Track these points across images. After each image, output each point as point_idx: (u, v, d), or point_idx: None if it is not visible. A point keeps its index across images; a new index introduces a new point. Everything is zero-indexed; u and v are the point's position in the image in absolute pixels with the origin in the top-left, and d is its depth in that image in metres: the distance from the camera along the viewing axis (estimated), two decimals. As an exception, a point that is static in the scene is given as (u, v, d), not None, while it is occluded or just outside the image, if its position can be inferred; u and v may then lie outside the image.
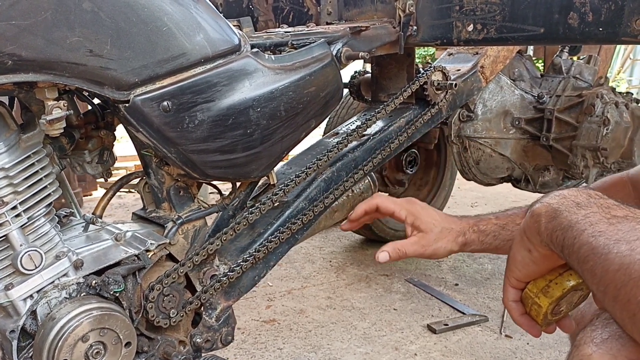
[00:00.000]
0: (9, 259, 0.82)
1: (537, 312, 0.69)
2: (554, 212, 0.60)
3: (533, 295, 0.68)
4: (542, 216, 0.61)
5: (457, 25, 1.23)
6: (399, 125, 1.37)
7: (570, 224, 0.57)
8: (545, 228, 0.61)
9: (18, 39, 0.73)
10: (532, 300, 0.69)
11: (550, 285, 0.66)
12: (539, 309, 0.68)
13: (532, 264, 0.66)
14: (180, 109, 0.89)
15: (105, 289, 0.89)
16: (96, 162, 1.01)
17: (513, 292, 0.71)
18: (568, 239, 0.57)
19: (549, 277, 0.67)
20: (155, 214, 1.05)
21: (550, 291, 0.66)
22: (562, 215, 0.59)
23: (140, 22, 0.83)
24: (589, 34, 1.06)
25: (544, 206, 0.62)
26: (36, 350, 0.83)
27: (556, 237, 0.59)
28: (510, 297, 0.71)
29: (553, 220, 0.60)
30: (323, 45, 1.10)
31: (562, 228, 0.58)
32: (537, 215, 0.62)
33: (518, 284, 0.70)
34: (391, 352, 1.66)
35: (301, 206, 1.17)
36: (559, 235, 0.58)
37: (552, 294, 0.66)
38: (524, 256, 0.66)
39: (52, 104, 0.80)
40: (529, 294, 0.69)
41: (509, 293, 0.71)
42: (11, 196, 0.81)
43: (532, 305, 0.69)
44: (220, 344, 1.09)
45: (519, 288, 0.70)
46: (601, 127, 1.76)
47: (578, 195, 0.61)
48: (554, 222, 0.60)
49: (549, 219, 0.61)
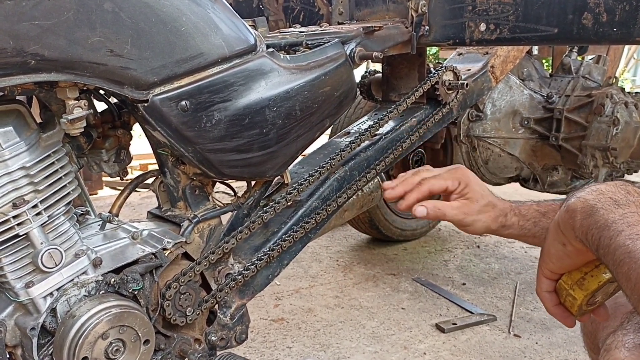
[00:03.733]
0: (29, 257, 0.83)
1: (572, 304, 0.68)
2: (590, 209, 0.58)
3: (568, 287, 0.67)
4: (577, 212, 0.59)
5: (470, 25, 1.24)
6: (411, 125, 1.37)
7: (607, 224, 0.56)
8: (580, 225, 0.59)
9: (41, 39, 0.73)
10: (566, 292, 0.67)
11: (586, 278, 0.65)
12: (573, 300, 0.67)
13: (567, 257, 0.65)
14: (198, 109, 0.90)
15: (123, 287, 0.90)
16: (113, 161, 1.01)
17: (547, 282, 0.70)
18: (604, 239, 0.55)
19: (585, 269, 0.66)
20: (170, 213, 1.05)
21: (585, 284, 0.65)
22: (598, 213, 0.57)
23: (160, 22, 0.83)
24: (603, 34, 1.06)
25: (579, 201, 0.60)
26: (56, 348, 0.84)
27: (592, 236, 0.57)
28: (544, 288, 0.70)
29: (589, 218, 0.58)
30: (337, 45, 1.11)
31: (598, 227, 0.56)
32: (573, 210, 0.60)
33: (552, 275, 0.69)
34: (400, 351, 1.66)
35: (314, 205, 1.18)
36: (595, 234, 0.57)
37: (587, 287, 0.65)
38: (558, 249, 0.65)
39: (73, 104, 0.80)
40: (563, 285, 0.68)
41: (543, 283, 0.70)
42: (32, 195, 0.82)
43: (567, 296, 0.68)
44: (234, 342, 1.09)
45: (553, 279, 0.69)
46: (611, 127, 1.76)
47: (616, 191, 0.59)
48: (590, 219, 0.58)
49: (584, 215, 0.59)
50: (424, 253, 2.47)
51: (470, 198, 0.92)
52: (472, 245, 2.56)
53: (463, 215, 0.91)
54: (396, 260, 2.39)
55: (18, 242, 0.83)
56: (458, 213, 0.91)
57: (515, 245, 2.54)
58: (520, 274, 2.22)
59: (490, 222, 0.91)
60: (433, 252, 2.49)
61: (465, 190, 0.93)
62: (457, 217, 0.92)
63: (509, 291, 2.06)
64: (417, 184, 0.95)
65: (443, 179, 0.95)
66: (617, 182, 0.61)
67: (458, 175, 0.95)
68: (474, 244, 2.56)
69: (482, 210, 0.91)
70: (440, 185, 0.95)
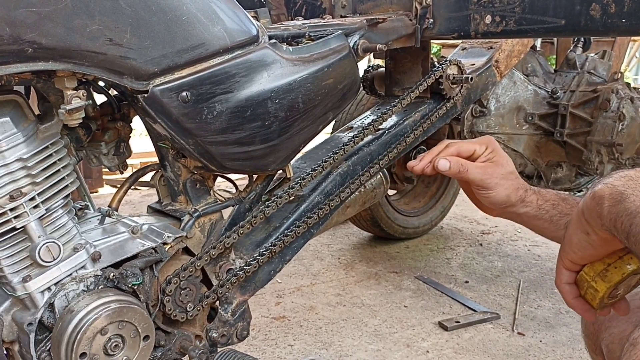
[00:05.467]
0: (26, 251, 0.81)
1: (593, 296, 0.65)
2: (620, 196, 0.55)
3: (590, 279, 0.64)
4: (605, 199, 0.57)
5: (475, 17, 1.22)
6: (414, 120, 1.36)
7: (639, 210, 0.53)
8: (608, 212, 0.56)
9: (38, 26, 0.72)
10: (588, 284, 0.65)
11: (609, 269, 0.63)
12: (595, 293, 0.65)
13: (590, 247, 0.62)
14: (199, 100, 0.88)
15: (123, 282, 0.88)
16: (112, 154, 0.99)
17: (567, 274, 0.67)
18: (635, 227, 0.53)
19: (608, 260, 0.63)
20: (171, 207, 1.04)
21: (608, 275, 0.63)
22: (629, 200, 0.54)
23: (160, 11, 0.82)
24: (612, 25, 1.04)
25: (607, 188, 0.57)
26: (54, 343, 0.82)
27: (621, 224, 0.55)
28: (563, 280, 0.68)
29: (618, 205, 0.55)
30: (340, 37, 1.09)
31: (629, 214, 0.54)
32: (600, 197, 0.57)
33: (573, 266, 0.66)
34: (403, 349, 1.64)
35: (317, 200, 1.16)
36: (625, 222, 0.54)
37: (610, 279, 0.63)
38: (580, 239, 0.62)
39: (72, 94, 0.78)
40: (585, 277, 0.65)
41: (563, 275, 0.67)
42: (29, 187, 0.80)
43: (588, 289, 0.65)
44: (235, 339, 1.08)
45: (574, 270, 0.67)
46: (616, 123, 1.74)
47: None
48: (619, 206, 0.55)
49: (613, 202, 0.56)
50: (426, 251, 2.46)
51: (495, 162, 0.88)
52: (474, 243, 2.54)
53: (486, 176, 0.87)
54: (398, 258, 2.37)
55: (15, 236, 0.81)
56: (481, 173, 0.87)
57: (519, 243, 2.52)
58: (523, 272, 2.20)
59: (510, 191, 0.87)
60: (435, 250, 2.47)
61: (491, 155, 0.89)
62: (479, 178, 0.87)
63: (513, 289, 2.05)
64: (445, 147, 0.92)
65: (471, 143, 0.91)
66: None
67: (485, 140, 0.91)
68: (476, 242, 2.54)
69: (506, 176, 0.87)
70: (467, 148, 0.91)
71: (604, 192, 0.57)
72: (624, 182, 0.57)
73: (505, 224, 2.70)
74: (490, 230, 2.70)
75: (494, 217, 0.95)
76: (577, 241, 0.63)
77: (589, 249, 0.63)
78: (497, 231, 2.67)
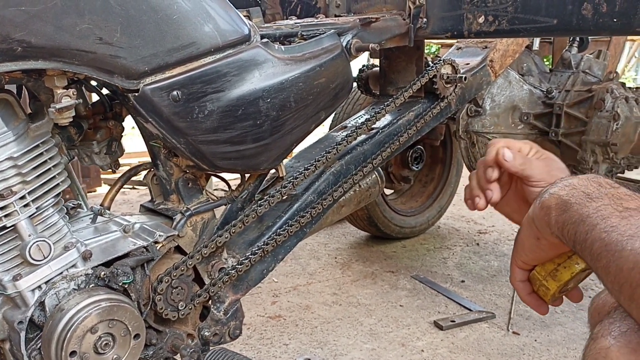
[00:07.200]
0: (17, 250, 0.82)
1: (545, 293, 0.70)
2: (564, 205, 0.58)
3: (541, 278, 0.69)
4: (552, 209, 0.60)
5: (468, 17, 1.22)
6: (408, 119, 1.36)
7: (582, 218, 0.56)
8: (555, 221, 0.59)
9: (27, 25, 0.72)
10: (540, 283, 0.69)
11: (559, 269, 0.66)
12: (547, 290, 0.69)
13: (541, 250, 0.66)
14: (190, 99, 0.88)
15: (113, 281, 0.88)
16: (104, 153, 1.00)
17: (521, 272, 0.71)
18: (580, 234, 0.56)
19: (558, 260, 0.67)
20: (163, 206, 1.04)
21: (558, 275, 0.67)
22: (572, 209, 0.57)
23: (150, 9, 0.82)
24: (603, 25, 1.04)
25: (553, 198, 0.60)
26: (44, 342, 0.83)
27: (567, 232, 0.58)
28: (517, 278, 0.72)
29: (563, 214, 0.58)
30: (333, 37, 1.09)
31: (573, 222, 0.57)
32: (547, 207, 0.61)
33: (526, 266, 0.70)
34: (398, 348, 1.64)
35: (310, 199, 1.16)
36: (570, 230, 0.57)
37: (560, 278, 0.67)
38: (532, 243, 0.66)
39: (62, 92, 0.79)
40: (537, 276, 0.69)
41: (517, 274, 0.71)
42: (20, 186, 0.80)
43: (540, 287, 0.69)
44: (228, 338, 1.08)
45: (527, 269, 0.71)
46: (611, 122, 1.74)
47: (588, 184, 0.59)
48: (565, 215, 0.58)
49: (559, 212, 0.59)
50: (422, 250, 2.46)
51: (548, 157, 0.82)
52: (471, 242, 2.54)
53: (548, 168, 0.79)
54: (395, 257, 2.38)
55: (5, 234, 0.81)
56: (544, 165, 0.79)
57: (515, 242, 2.52)
58: (519, 272, 2.20)
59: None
60: (432, 249, 2.47)
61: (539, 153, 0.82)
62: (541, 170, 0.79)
63: (508, 289, 2.05)
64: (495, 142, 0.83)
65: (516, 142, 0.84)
66: (588, 176, 0.61)
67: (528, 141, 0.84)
68: (473, 242, 2.55)
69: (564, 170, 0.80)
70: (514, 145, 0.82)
71: (551, 203, 0.60)
72: (568, 191, 0.59)
73: (502, 224, 2.70)
74: (487, 229, 2.70)
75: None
76: (529, 245, 0.67)
77: (540, 252, 0.66)
78: (494, 231, 2.67)
